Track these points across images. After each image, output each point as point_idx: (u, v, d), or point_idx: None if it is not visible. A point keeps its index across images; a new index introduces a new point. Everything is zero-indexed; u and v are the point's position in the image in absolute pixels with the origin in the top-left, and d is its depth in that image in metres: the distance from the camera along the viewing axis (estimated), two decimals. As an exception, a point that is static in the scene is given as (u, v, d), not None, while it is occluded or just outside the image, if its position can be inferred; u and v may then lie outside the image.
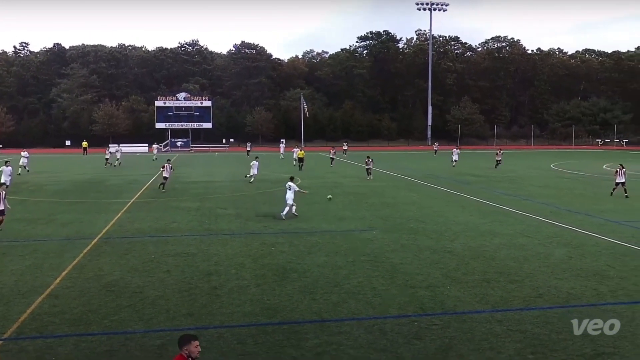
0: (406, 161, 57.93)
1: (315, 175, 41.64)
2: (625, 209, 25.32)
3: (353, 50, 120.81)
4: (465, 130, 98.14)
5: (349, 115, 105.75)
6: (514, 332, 10.45)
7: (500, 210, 25.16)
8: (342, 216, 23.41)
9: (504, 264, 15.44)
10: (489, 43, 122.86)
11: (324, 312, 11.58)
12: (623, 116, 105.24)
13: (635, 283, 13.57)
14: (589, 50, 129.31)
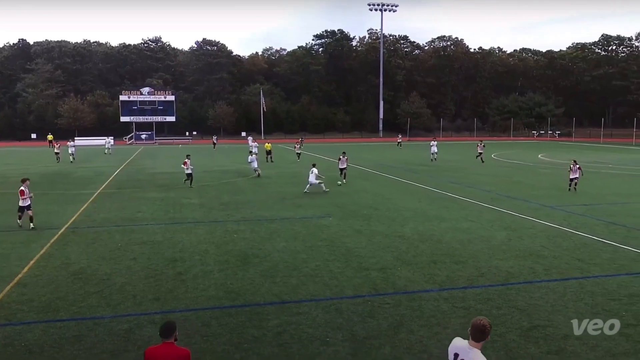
0: (360, 152, 58.19)
1: (275, 166, 41.46)
2: (558, 195, 26.12)
3: (309, 48, 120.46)
4: (414, 123, 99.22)
5: (306, 109, 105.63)
6: (459, 309, 10.68)
7: (447, 197, 25.61)
8: (300, 204, 23.43)
9: (450, 246, 15.75)
10: (435, 42, 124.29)
11: (284, 294, 11.59)
12: (556, 110, 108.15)
13: (566, 262, 14.05)
14: (525, 49, 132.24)
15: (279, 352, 8.84)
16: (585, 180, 30.74)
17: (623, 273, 13.03)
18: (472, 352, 5.34)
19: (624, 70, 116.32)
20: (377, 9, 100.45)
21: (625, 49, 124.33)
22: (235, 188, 28.83)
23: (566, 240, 16.54)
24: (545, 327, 9.76)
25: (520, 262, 14.04)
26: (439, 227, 18.37)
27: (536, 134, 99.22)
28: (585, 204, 23.29)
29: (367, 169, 39.31)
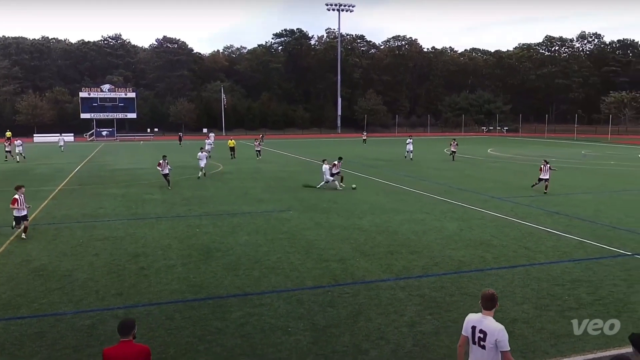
0: (319, 148, 58.36)
1: (237, 162, 41.08)
2: (505, 187, 26.79)
3: (269, 46, 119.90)
4: (371, 119, 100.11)
5: (266, 106, 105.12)
6: (415, 297, 10.85)
7: (402, 190, 25.92)
8: (262, 199, 23.32)
9: (406, 237, 15.96)
10: (391, 42, 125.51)
11: (247, 287, 11.53)
12: (504, 107, 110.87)
13: (514, 250, 14.44)
14: (475, 49, 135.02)
15: (242, 342, 8.80)
16: (530, 173, 31.64)
17: (566, 260, 13.49)
18: (487, 320, 5.88)
19: (566, 69, 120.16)
20: (335, 9, 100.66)
21: (567, 50, 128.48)
22: (198, 183, 28.44)
23: (514, 229, 16.99)
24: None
25: (471, 251, 14.36)
26: (395, 219, 18.59)
27: (486, 130, 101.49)
28: (531, 196, 23.96)
29: (326, 164, 39.36)
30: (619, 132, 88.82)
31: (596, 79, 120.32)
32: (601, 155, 47.74)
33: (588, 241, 15.33)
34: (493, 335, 5.73)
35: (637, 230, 16.82)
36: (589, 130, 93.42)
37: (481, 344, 5.80)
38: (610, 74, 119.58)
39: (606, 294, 10.95)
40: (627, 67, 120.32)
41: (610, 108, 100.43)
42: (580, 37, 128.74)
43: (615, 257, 13.75)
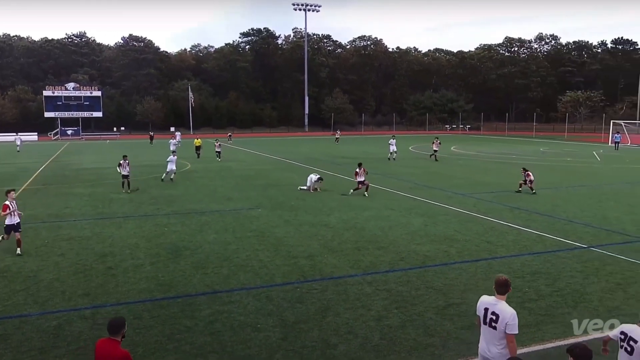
0: (287, 146, 58.25)
1: (204, 161, 40.60)
2: (468, 184, 27.25)
3: (236, 45, 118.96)
4: (338, 118, 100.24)
5: (233, 104, 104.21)
6: (382, 291, 10.95)
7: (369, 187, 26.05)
8: (230, 197, 23.15)
9: (373, 233, 16.08)
10: (356, 42, 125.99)
11: (216, 285, 11.44)
12: (466, 106, 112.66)
13: (477, 244, 14.71)
14: (438, 49, 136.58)
15: (211, 340, 8.73)
16: (492, 170, 32.30)
17: (526, 253, 13.81)
18: (500, 304, 6.19)
19: (525, 69, 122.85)
20: (301, 9, 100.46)
21: (525, 51, 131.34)
22: (165, 182, 28.03)
23: (476, 224, 17.30)
24: (459, 304, 10.19)
25: (436, 246, 14.56)
26: (362, 216, 18.70)
27: (449, 128, 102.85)
28: (492, 192, 24.44)
29: (295, 162, 39.37)
30: (574, 130, 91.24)
31: (553, 79, 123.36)
32: (558, 153, 49.02)
33: (546, 235, 15.73)
34: (505, 318, 6.05)
35: (592, 224, 17.34)
36: (546, 129, 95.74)
37: (492, 325, 6.14)
38: (566, 74, 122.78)
39: (564, 285, 11.26)
40: (582, 68, 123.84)
41: (566, 107, 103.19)
42: (538, 39, 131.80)
43: (572, 249, 14.15)
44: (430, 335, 8.85)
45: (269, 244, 14.85)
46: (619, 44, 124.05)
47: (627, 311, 9.75)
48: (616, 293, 10.77)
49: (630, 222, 17.56)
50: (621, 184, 27.30)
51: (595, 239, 15.23)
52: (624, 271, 12.16)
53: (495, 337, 6.14)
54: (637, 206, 20.65)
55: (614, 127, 61.58)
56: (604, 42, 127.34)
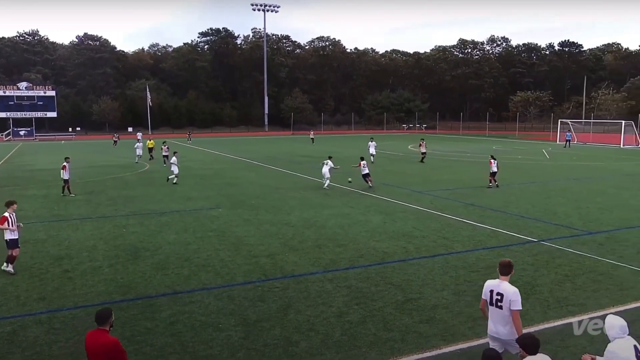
0: (247, 145, 57.83)
1: (161, 161, 39.77)
2: (425, 181, 27.70)
3: (195, 45, 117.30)
4: (297, 117, 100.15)
5: (193, 104, 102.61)
6: (342, 288, 11.01)
7: (329, 185, 26.15)
8: (190, 196, 22.82)
9: (333, 231, 16.15)
10: (315, 42, 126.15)
11: (176, 285, 11.26)
12: (422, 105, 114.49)
13: (434, 240, 14.97)
14: (395, 50, 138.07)
15: (173, 341, 8.59)
16: (448, 167, 32.93)
17: (480, 248, 14.15)
18: (503, 284, 6.61)
19: (478, 70, 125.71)
20: (260, 9, 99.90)
21: (478, 52, 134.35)
22: (123, 183, 27.42)
23: (433, 221, 17.61)
24: (417, 299, 10.36)
25: (394, 242, 14.75)
26: (322, 214, 18.76)
27: (406, 127, 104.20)
28: (448, 189, 24.93)
29: (255, 161, 39.14)
30: (525, 128, 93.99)
31: (505, 79, 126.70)
32: (510, 150, 50.39)
33: (500, 230, 16.16)
34: (508, 296, 6.45)
35: (542, 219, 17.91)
36: (499, 127, 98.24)
37: (498, 305, 6.54)
38: (517, 75, 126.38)
39: (516, 278, 11.56)
40: (531, 69, 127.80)
41: (517, 106, 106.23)
42: (490, 41, 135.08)
43: (524, 244, 14.59)
44: (390, 330, 8.96)
45: (230, 243, 14.72)
46: (566, 46, 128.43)
47: (574, 301, 10.13)
48: (564, 284, 11.16)
49: (577, 217, 18.23)
50: (568, 180, 28.30)
51: (545, 233, 15.75)
52: (571, 263, 12.62)
53: (502, 316, 6.51)
54: (584, 201, 21.46)
55: (561, 126, 63.78)
56: (552, 45, 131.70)
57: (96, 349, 5.79)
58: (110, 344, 5.82)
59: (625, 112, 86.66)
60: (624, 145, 54.52)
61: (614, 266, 12.38)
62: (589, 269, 12.13)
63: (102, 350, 5.77)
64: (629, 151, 49.49)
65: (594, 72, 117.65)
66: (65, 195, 23.07)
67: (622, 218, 18.04)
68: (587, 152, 47.87)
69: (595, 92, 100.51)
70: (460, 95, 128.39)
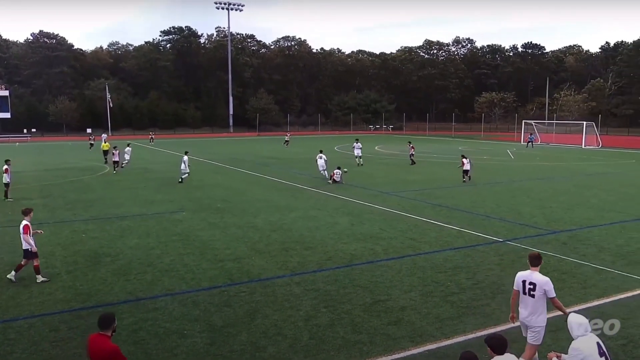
0: (211, 147, 57.28)
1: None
2: (392, 182, 27.97)
3: (157, 44, 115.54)
4: (263, 118, 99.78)
5: (155, 104, 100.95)
6: (310, 291, 11.02)
7: (295, 187, 26.18)
8: (153, 200, 22.46)
9: (300, 234, 16.15)
10: (281, 42, 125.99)
11: (139, 292, 11.07)
12: (389, 106, 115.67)
13: (401, 242, 15.13)
14: (362, 51, 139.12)
15: (136, 349, 8.43)
16: (415, 168, 33.33)
17: (447, 248, 14.38)
18: (535, 274, 7.36)
19: (444, 71, 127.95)
20: (224, 8, 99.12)
21: (444, 53, 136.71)
22: (83, 186, 26.78)
23: (401, 222, 17.80)
24: (385, 301, 10.45)
25: (362, 244, 14.84)
26: (289, 217, 18.74)
27: (373, 128, 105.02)
28: (415, 190, 25.24)
29: (220, 163, 38.80)
30: (490, 129, 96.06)
31: (470, 80, 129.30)
32: (475, 151, 51.35)
33: (466, 230, 16.45)
34: (542, 285, 7.23)
35: (507, 218, 18.32)
36: (464, 128, 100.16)
37: (531, 294, 7.27)
38: (481, 76, 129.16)
39: (483, 278, 11.82)
40: (495, 70, 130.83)
41: (482, 107, 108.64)
42: (455, 42, 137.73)
43: (490, 244, 14.89)
44: (358, 333, 9.00)
45: (195, 247, 14.56)
46: (529, 48, 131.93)
47: (540, 300, 10.38)
48: (530, 283, 11.43)
49: (541, 216, 18.71)
50: (533, 180, 29.01)
51: (510, 233, 16.11)
52: (536, 262, 12.93)
53: (535, 304, 7.24)
54: (547, 200, 22.04)
55: (525, 127, 65.38)
56: (515, 47, 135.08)
57: (97, 353, 5.83)
58: (110, 350, 5.82)
59: (586, 113, 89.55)
60: (586, 146, 56.25)
61: (576, 264, 12.76)
62: (553, 267, 12.45)
63: (101, 355, 5.79)
64: (590, 152, 51.10)
65: (556, 74, 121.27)
66: (5, 199, 22.35)
67: (584, 217, 18.62)
68: (550, 153, 49.21)
69: (558, 94, 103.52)
70: (426, 96, 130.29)
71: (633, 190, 25.37)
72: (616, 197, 23.32)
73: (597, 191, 24.84)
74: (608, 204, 21.49)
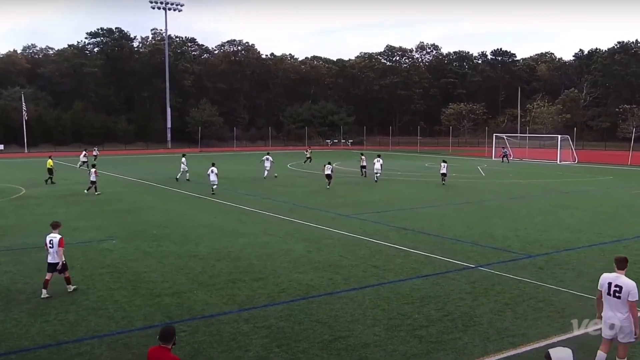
0: (146, 165, 56.41)
1: (42, 184, 37.80)
2: (353, 203, 28.19)
3: (82, 47, 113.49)
4: (206, 132, 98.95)
5: (80, 116, 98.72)
6: (261, 329, 10.90)
7: (244, 210, 26.03)
8: (76, 226, 21.84)
9: (249, 263, 16.02)
10: (226, 46, 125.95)
11: (60, 334, 10.69)
12: (348, 118, 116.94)
13: (364, 270, 15.21)
14: (316, 57, 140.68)
15: (56, 403, 8.11)
16: (378, 187, 33.72)
17: (414, 276, 14.54)
18: (621, 277, 8.45)
19: (407, 80, 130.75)
20: (161, 7, 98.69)
21: (407, 60, 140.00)
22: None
23: (363, 248, 17.91)
24: (346, 337, 10.44)
25: (320, 273, 14.84)
26: (237, 243, 18.58)
27: (330, 143, 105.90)
28: (378, 211, 25.50)
29: (156, 183, 38.18)
30: (459, 143, 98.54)
31: (436, 90, 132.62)
32: (443, 168, 52.38)
33: (435, 256, 16.70)
34: (628, 288, 8.29)
35: (479, 242, 18.72)
36: (431, 142, 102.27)
37: (616, 295, 8.37)
38: (448, 86, 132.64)
39: (454, 308, 11.99)
40: (463, 79, 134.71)
41: (449, 120, 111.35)
42: (419, 48, 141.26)
43: (461, 270, 15.15)
44: (316, 375, 8.95)
45: (126, 281, 14.22)
46: (499, 55, 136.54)
47: (516, 331, 10.61)
48: (505, 313, 11.68)
49: (515, 239, 19.21)
50: (506, 200, 29.82)
51: (482, 258, 16.45)
52: (511, 290, 13.24)
53: (619, 305, 8.35)
54: (522, 221, 22.67)
55: (497, 141, 67.36)
56: (484, 53, 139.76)
57: None
58: None
59: (560, 126, 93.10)
60: (561, 161, 58.36)
61: (554, 291, 13.12)
62: (530, 295, 12.76)
63: None
64: (566, 168, 53.04)
65: (527, 83, 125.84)
66: None
67: (561, 239, 19.23)
68: (523, 169, 50.79)
69: (530, 104, 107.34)
70: (388, 107, 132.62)
71: (611, 209, 26.42)
72: (594, 217, 24.24)
73: (573, 210, 25.74)
74: (586, 224, 22.30)
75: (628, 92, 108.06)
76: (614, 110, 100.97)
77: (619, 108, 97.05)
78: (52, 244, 13.16)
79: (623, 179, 41.90)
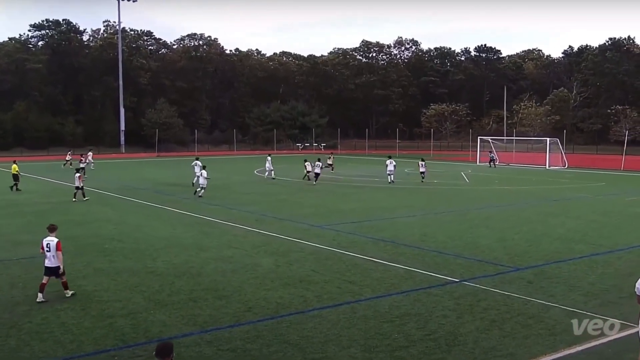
0: (98, 172, 55.69)
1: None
2: (326, 213, 28.23)
3: (25, 41, 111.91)
4: (164, 135, 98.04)
5: (22, 118, 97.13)
6: (225, 352, 10.83)
7: (205, 221, 25.86)
8: (20, 241, 21.47)
9: (212, 279, 15.91)
10: (186, 40, 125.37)
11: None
12: (320, 120, 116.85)
13: (338, 286, 15.21)
14: (286, 53, 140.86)
15: None
16: (352, 195, 33.84)
17: (394, 292, 14.58)
18: None
19: (385, 78, 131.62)
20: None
21: (384, 57, 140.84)
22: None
23: (337, 262, 17.92)
24: (320, 359, 10.42)
25: (290, 290, 14.80)
26: (198, 258, 18.45)
27: (301, 147, 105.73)
28: (354, 221, 25.57)
29: (109, 192, 37.72)
30: (441, 147, 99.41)
31: (415, 89, 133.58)
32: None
33: (416, 270, 16.79)
34: None
35: (463, 254, 18.89)
36: (411, 146, 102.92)
37: None
38: (429, 85, 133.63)
39: (436, 327, 12.05)
40: (445, 78, 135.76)
41: (431, 122, 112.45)
42: (397, 43, 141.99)
43: (444, 285, 15.26)
44: (287, 402, 8.91)
45: (75, 301, 14.01)
46: (483, 52, 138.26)
47: (503, 351, 10.71)
48: (492, 332, 11.78)
49: (502, 250, 19.43)
50: (491, 207, 30.18)
51: (467, 272, 16.59)
52: (498, 306, 13.37)
53: None
54: (509, 231, 22.95)
55: (481, 144, 68.20)
56: (468, 50, 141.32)
57: None
58: None
59: (549, 128, 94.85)
60: (550, 166, 59.32)
61: (544, 307, 13.30)
62: (518, 312, 12.90)
63: None
64: (555, 173, 53.94)
65: (514, 82, 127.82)
66: None
67: (551, 250, 19.52)
68: (511, 175, 51.50)
69: (517, 105, 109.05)
70: (364, 107, 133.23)
71: (603, 217, 26.93)
72: (585, 226, 24.67)
73: (564, 219, 26.15)
74: (577, 234, 22.67)
75: (620, 92, 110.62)
76: (605, 111, 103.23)
77: (611, 109, 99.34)
78: (49, 247, 14.13)
79: (616, 185, 42.80)
